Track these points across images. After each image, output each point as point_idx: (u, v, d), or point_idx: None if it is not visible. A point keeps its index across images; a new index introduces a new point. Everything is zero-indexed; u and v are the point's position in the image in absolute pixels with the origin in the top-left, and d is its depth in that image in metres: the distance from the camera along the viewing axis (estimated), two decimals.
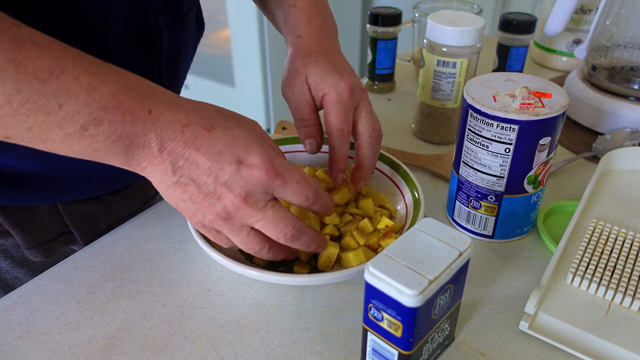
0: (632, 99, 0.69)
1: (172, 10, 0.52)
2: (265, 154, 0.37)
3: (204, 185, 0.37)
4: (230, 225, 0.39)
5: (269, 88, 2.19)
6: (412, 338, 0.35)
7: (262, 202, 0.38)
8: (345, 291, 0.47)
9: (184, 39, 0.56)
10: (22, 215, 0.52)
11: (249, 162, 0.37)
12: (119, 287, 0.47)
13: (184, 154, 0.36)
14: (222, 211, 0.38)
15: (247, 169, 0.37)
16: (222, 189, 0.37)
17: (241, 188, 0.37)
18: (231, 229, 0.39)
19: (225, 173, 0.37)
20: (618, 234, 0.49)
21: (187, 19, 0.56)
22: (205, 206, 0.38)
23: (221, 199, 0.37)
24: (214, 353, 0.42)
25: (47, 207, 0.53)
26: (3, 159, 0.46)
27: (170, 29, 0.52)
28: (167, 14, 0.51)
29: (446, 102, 0.68)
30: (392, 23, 0.80)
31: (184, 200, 0.38)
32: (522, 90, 0.46)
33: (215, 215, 0.38)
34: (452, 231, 0.37)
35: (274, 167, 0.37)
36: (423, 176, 0.64)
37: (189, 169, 0.37)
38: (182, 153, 0.36)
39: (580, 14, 0.86)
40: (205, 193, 0.37)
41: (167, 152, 0.36)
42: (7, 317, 0.44)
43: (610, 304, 0.43)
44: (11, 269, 0.55)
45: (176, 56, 0.55)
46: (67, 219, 0.55)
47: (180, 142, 0.36)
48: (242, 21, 2.09)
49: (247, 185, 0.37)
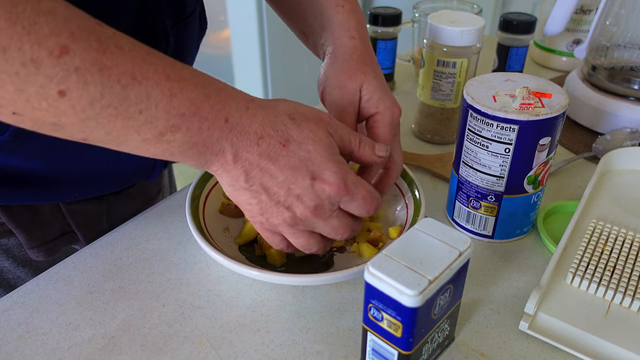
0: (632, 99, 0.69)
1: (176, 11, 0.52)
2: (339, 172, 0.39)
3: (275, 195, 0.38)
4: (293, 230, 0.41)
5: (269, 88, 2.19)
6: (412, 338, 0.35)
7: (329, 212, 0.40)
8: (345, 291, 0.47)
9: (188, 39, 0.56)
10: (25, 215, 0.52)
11: (323, 178, 0.38)
12: (118, 287, 0.47)
13: (259, 165, 0.37)
14: (289, 218, 0.39)
15: (320, 184, 0.38)
16: (293, 200, 0.38)
17: (311, 201, 0.38)
18: (294, 232, 0.41)
19: (299, 187, 0.38)
20: (618, 234, 0.49)
21: (191, 19, 0.56)
22: (273, 212, 0.39)
23: (291, 208, 0.39)
24: (214, 353, 0.42)
25: (50, 206, 0.53)
26: (10, 160, 0.47)
27: (175, 30, 0.52)
28: (172, 15, 0.51)
29: (446, 102, 0.68)
30: (392, 23, 0.80)
31: (250, 204, 0.39)
32: (522, 90, 0.46)
33: (282, 221, 0.40)
34: (452, 231, 0.37)
35: (346, 184, 0.39)
36: (423, 176, 0.64)
37: (262, 179, 0.38)
38: (256, 163, 0.37)
39: (580, 14, 0.86)
40: (276, 202, 0.39)
41: (242, 162, 0.37)
42: (6, 317, 0.44)
43: (610, 304, 0.43)
44: (13, 268, 0.55)
45: (180, 56, 0.55)
46: (69, 218, 0.55)
47: (255, 154, 0.37)
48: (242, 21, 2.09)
49: (317, 199, 0.38)
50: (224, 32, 2.23)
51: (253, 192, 0.38)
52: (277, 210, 0.39)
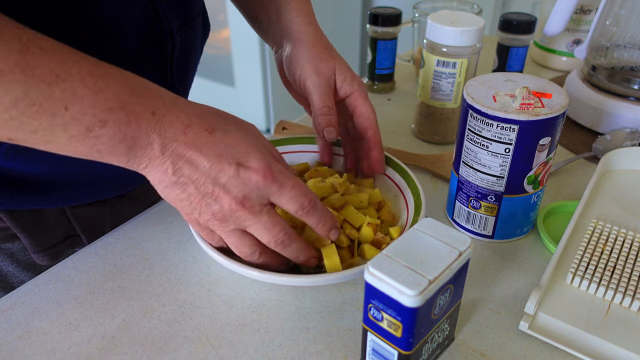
0: (632, 99, 0.69)
1: (183, 13, 0.52)
2: (265, 158, 0.38)
3: (203, 186, 0.38)
4: (224, 227, 0.40)
5: (268, 88, 2.19)
6: (412, 338, 0.35)
7: (258, 206, 0.39)
8: (345, 291, 0.47)
9: (193, 41, 0.56)
10: (30, 219, 0.52)
11: (248, 164, 0.38)
12: (118, 287, 0.47)
13: (185, 155, 0.37)
14: (218, 212, 0.39)
15: (245, 171, 0.38)
16: (219, 190, 0.38)
17: (238, 190, 0.38)
18: (225, 230, 0.40)
19: (225, 174, 0.37)
20: (618, 234, 0.49)
21: (197, 21, 0.56)
22: (202, 206, 0.39)
23: (218, 200, 0.38)
24: (214, 353, 0.42)
25: (55, 210, 0.54)
26: (16, 164, 0.46)
27: (182, 32, 0.52)
28: (179, 18, 0.52)
29: (446, 102, 0.68)
30: (392, 23, 0.80)
31: (181, 199, 0.39)
32: (522, 90, 0.46)
33: (211, 215, 0.39)
34: (452, 231, 0.37)
35: (271, 171, 0.38)
36: (423, 176, 0.64)
37: (189, 170, 0.37)
38: (183, 154, 0.37)
39: (580, 14, 0.86)
40: (203, 194, 0.38)
41: (169, 153, 0.37)
42: (7, 317, 0.44)
43: (610, 304, 0.43)
44: (17, 272, 0.55)
45: (186, 58, 0.55)
46: (74, 222, 0.55)
47: (182, 143, 0.37)
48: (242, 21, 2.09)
49: (244, 189, 0.38)
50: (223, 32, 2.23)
51: (181, 184, 0.38)
52: (206, 202, 0.38)
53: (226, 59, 2.29)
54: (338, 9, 2.26)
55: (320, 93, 0.51)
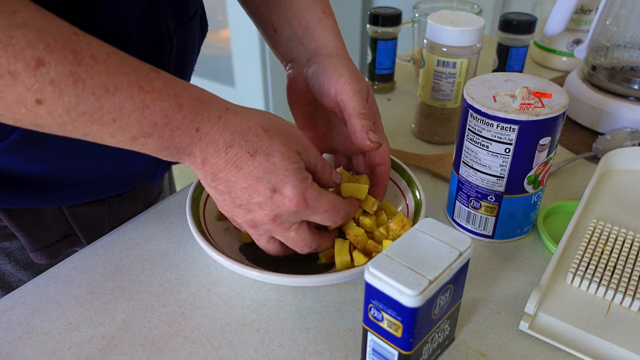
0: (632, 99, 0.69)
1: (179, 13, 0.52)
2: (299, 187, 0.40)
3: (238, 199, 0.40)
4: (254, 231, 0.43)
5: (268, 88, 2.19)
6: (412, 338, 0.35)
7: (289, 223, 0.42)
8: (345, 291, 0.47)
9: (190, 42, 0.56)
10: (28, 218, 0.52)
11: (283, 192, 0.39)
12: (118, 287, 0.47)
13: (224, 170, 0.39)
14: (250, 221, 0.42)
15: (280, 197, 0.40)
16: (254, 206, 0.40)
17: (271, 210, 0.40)
18: (254, 233, 0.44)
19: (260, 196, 0.40)
20: (618, 234, 0.49)
21: (194, 21, 0.56)
22: (235, 212, 0.42)
23: (251, 212, 0.41)
24: (214, 353, 0.42)
25: (52, 209, 0.54)
26: (14, 163, 0.47)
27: (179, 33, 0.52)
28: (176, 18, 0.51)
29: (446, 102, 0.68)
30: (392, 23, 0.80)
31: (217, 200, 0.42)
32: (522, 90, 0.46)
33: (244, 221, 0.42)
34: (452, 231, 0.37)
35: (305, 200, 0.40)
36: (423, 176, 0.64)
37: (227, 184, 0.40)
38: (223, 168, 0.39)
39: (580, 14, 0.86)
40: (238, 204, 0.41)
41: (209, 165, 0.39)
42: (7, 317, 0.44)
43: (610, 304, 0.43)
44: (15, 271, 0.55)
45: (183, 59, 0.55)
46: (72, 221, 0.55)
47: (222, 160, 0.39)
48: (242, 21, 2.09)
49: (277, 210, 0.40)
50: (223, 32, 2.23)
51: (219, 191, 0.41)
52: (240, 211, 0.41)
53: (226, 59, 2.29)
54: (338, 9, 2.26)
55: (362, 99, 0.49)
